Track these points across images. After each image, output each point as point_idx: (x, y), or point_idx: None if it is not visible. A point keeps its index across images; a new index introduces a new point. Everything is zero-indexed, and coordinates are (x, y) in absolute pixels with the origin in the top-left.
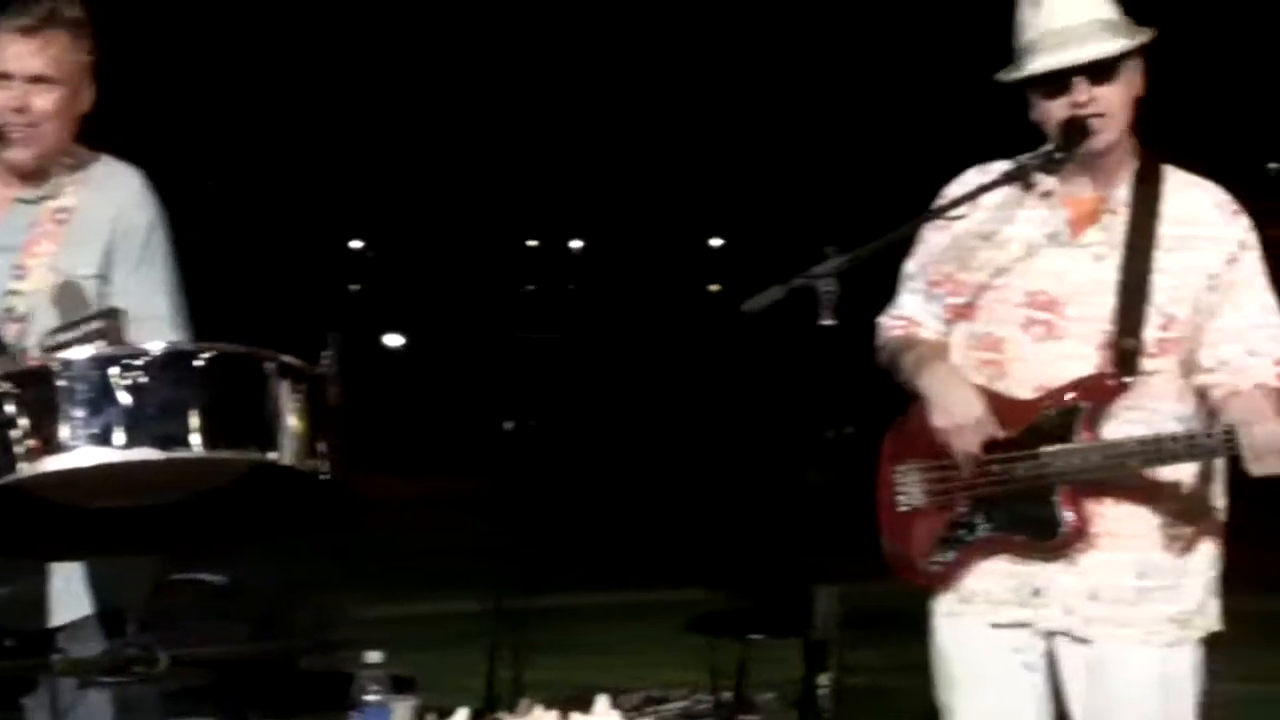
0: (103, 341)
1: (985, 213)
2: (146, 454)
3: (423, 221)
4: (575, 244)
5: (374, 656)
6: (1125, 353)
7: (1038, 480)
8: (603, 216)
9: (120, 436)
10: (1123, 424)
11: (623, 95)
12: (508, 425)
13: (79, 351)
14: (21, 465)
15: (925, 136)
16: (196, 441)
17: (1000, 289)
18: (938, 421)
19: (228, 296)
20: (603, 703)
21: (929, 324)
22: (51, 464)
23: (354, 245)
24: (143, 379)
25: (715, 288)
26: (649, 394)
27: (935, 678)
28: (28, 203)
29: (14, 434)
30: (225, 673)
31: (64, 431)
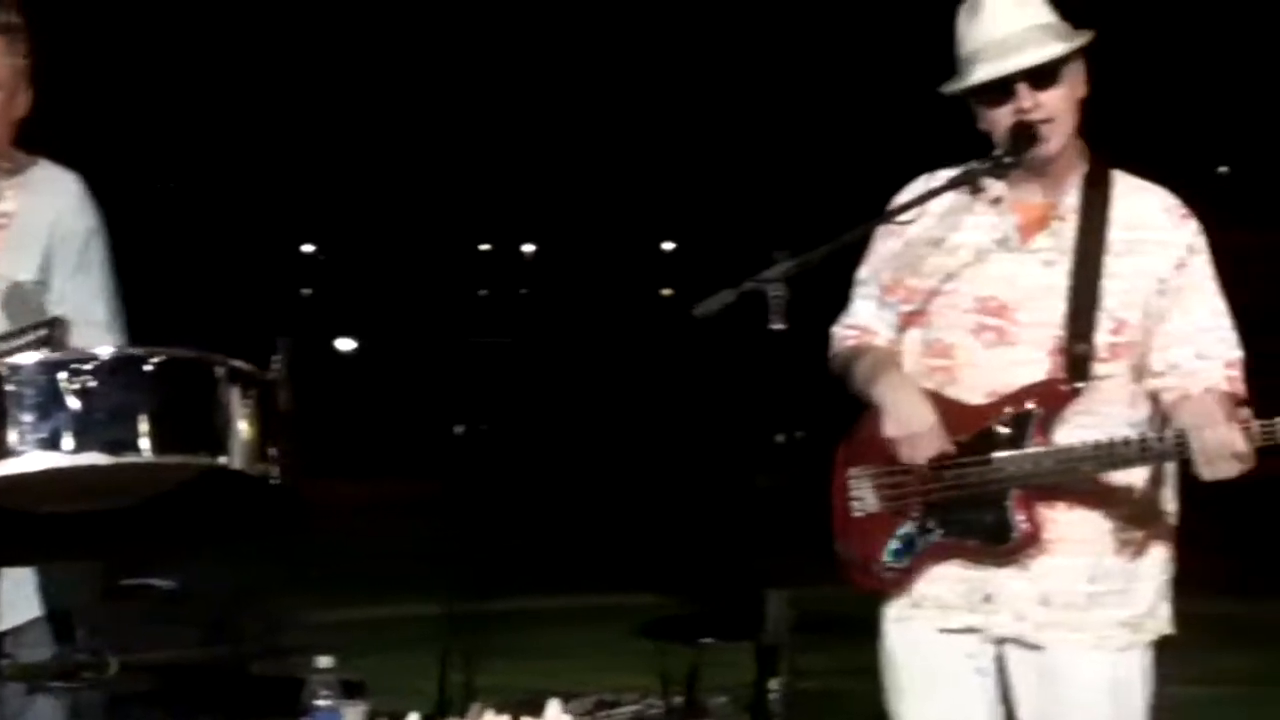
0: (47, 348)
1: (935, 219)
2: (95, 459)
3: (375, 225)
4: (527, 248)
5: (325, 661)
6: (1077, 358)
7: (991, 486)
8: (555, 221)
9: (69, 441)
10: (1075, 429)
11: (575, 100)
12: (459, 429)
13: (27, 356)
14: None
15: (875, 142)
16: (146, 446)
17: (950, 294)
18: (890, 431)
19: (178, 300)
20: (554, 707)
21: (882, 332)
22: None
23: (305, 249)
24: (92, 384)
25: (667, 292)
26: (601, 398)
27: (884, 684)
28: None
29: None
30: (175, 678)
31: (12, 436)
